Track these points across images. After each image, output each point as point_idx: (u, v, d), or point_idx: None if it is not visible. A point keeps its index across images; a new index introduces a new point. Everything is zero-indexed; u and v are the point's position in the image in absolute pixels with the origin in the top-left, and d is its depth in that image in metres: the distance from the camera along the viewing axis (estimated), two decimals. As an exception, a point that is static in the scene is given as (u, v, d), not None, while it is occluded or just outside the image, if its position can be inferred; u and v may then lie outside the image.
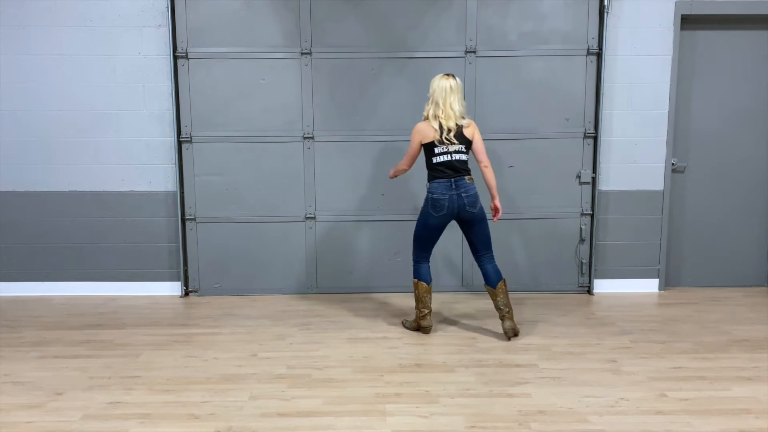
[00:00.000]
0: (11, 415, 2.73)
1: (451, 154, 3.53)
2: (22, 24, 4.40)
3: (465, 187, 3.54)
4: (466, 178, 3.56)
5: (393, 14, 4.43)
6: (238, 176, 4.57)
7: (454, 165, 3.53)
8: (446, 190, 3.54)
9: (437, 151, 3.54)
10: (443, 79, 3.54)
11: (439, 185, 3.55)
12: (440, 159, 3.54)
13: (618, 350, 3.48)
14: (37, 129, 4.50)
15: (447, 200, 3.53)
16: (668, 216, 4.66)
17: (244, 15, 4.41)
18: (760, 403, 2.82)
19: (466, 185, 3.55)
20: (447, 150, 3.53)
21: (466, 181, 3.55)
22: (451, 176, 3.53)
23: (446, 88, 3.52)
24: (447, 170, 3.54)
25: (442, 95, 3.52)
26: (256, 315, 4.18)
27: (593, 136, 4.54)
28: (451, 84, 3.52)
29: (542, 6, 4.42)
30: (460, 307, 4.32)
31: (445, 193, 3.54)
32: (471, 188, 3.56)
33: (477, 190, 3.59)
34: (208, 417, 2.70)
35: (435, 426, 2.61)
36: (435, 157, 3.56)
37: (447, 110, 3.51)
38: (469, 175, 3.58)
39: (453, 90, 3.51)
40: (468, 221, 3.60)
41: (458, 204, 3.53)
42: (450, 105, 3.51)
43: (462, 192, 3.53)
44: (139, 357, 3.42)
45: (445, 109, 3.51)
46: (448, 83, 3.52)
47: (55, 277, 4.65)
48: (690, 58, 4.58)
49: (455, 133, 3.52)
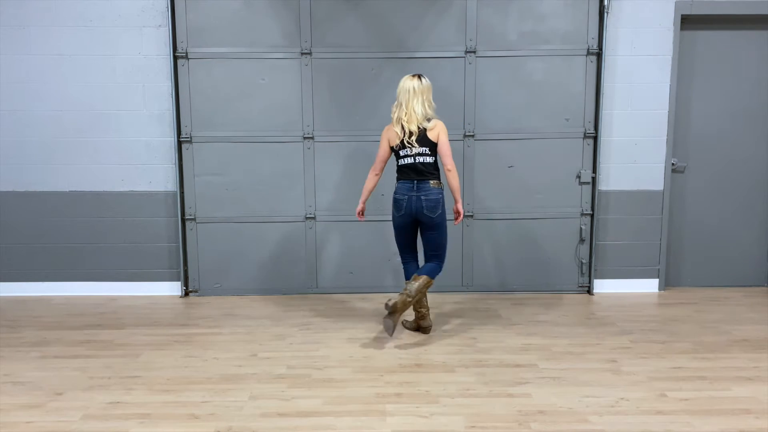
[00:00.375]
0: (11, 415, 2.73)
1: (415, 157, 3.50)
2: (22, 24, 4.40)
3: (426, 191, 3.51)
4: (430, 182, 3.52)
5: (393, 14, 4.43)
6: (238, 176, 4.57)
7: (418, 168, 3.51)
8: (407, 191, 3.53)
9: (402, 154, 3.54)
10: (407, 80, 3.49)
11: (402, 186, 3.56)
12: (405, 161, 3.54)
13: (618, 350, 3.48)
14: (36, 129, 4.50)
15: (406, 201, 3.52)
16: (668, 216, 4.66)
17: (244, 15, 4.41)
18: (760, 403, 2.82)
19: (429, 189, 3.51)
20: (410, 153, 3.51)
21: (430, 184, 3.52)
22: (414, 178, 3.52)
23: (409, 89, 3.47)
24: (411, 172, 3.52)
25: (405, 97, 3.48)
26: (256, 315, 4.18)
27: (593, 136, 4.54)
28: (415, 85, 3.46)
29: (542, 6, 4.42)
30: (460, 307, 4.32)
31: (405, 194, 3.53)
32: (433, 192, 3.52)
33: (441, 196, 3.55)
34: (208, 417, 2.70)
35: (435, 426, 2.61)
36: (400, 159, 3.56)
37: (409, 113, 3.47)
38: (435, 180, 3.54)
39: (416, 92, 3.46)
40: (425, 224, 3.57)
41: (416, 206, 3.51)
42: (412, 107, 3.46)
43: (422, 195, 3.50)
44: (139, 357, 3.42)
45: (408, 111, 3.47)
46: (412, 84, 3.47)
47: (55, 277, 4.65)
48: (690, 58, 4.58)
49: (418, 136, 3.48)
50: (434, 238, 3.59)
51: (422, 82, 3.49)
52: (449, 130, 4.50)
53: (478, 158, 4.55)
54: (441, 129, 3.53)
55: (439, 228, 3.58)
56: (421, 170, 3.51)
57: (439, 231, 3.58)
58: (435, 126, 3.52)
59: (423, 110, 3.48)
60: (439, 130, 3.52)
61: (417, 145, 3.48)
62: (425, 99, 3.50)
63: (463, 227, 4.62)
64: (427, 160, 3.52)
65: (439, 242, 3.61)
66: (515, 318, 4.08)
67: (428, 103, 3.52)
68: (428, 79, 3.55)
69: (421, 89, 3.47)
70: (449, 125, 4.48)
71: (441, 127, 3.54)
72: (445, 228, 3.61)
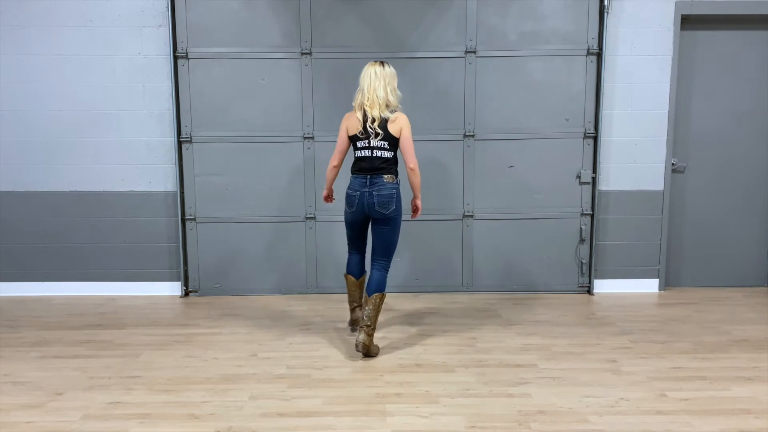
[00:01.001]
0: (11, 415, 2.73)
1: (373, 149, 3.33)
2: (23, 24, 4.40)
3: (379, 186, 3.33)
4: (384, 176, 3.34)
5: (393, 14, 4.43)
6: (238, 176, 4.57)
7: (374, 161, 3.33)
8: (360, 186, 3.37)
9: (359, 145, 3.36)
10: (369, 66, 3.33)
11: (355, 180, 3.41)
12: (361, 153, 3.37)
13: (618, 350, 3.48)
14: (37, 129, 4.50)
15: (358, 197, 3.37)
16: (668, 216, 4.66)
17: (244, 15, 4.41)
18: (760, 403, 2.82)
19: (382, 184, 3.33)
20: (369, 145, 3.33)
21: (383, 179, 3.34)
22: (368, 173, 3.35)
23: (371, 74, 3.30)
24: (366, 166, 3.35)
25: (367, 82, 3.30)
26: (256, 315, 4.18)
27: (593, 136, 4.54)
28: (376, 70, 3.30)
29: (542, 6, 4.42)
30: (460, 307, 4.32)
31: (357, 190, 3.38)
32: (386, 188, 3.34)
33: (396, 192, 3.37)
34: (208, 417, 2.70)
35: (435, 426, 2.61)
36: (357, 150, 3.39)
37: (371, 97, 3.28)
38: (389, 174, 3.36)
39: (378, 76, 3.28)
40: (377, 220, 3.39)
41: (368, 202, 3.34)
42: (374, 92, 3.28)
43: (374, 191, 3.33)
44: (139, 357, 3.42)
45: (370, 96, 3.29)
46: (373, 69, 3.31)
47: (55, 277, 4.65)
48: (690, 58, 4.58)
49: (380, 123, 3.29)
50: (385, 233, 3.39)
51: (385, 68, 3.32)
52: (449, 130, 4.54)
53: (478, 158, 4.56)
54: (404, 123, 3.32)
55: (392, 223, 3.38)
56: (376, 165, 3.33)
57: (392, 227, 3.39)
58: (397, 119, 3.31)
59: (385, 96, 3.28)
60: (402, 124, 3.32)
61: (377, 135, 3.30)
62: (388, 85, 3.30)
63: (463, 227, 4.62)
64: (386, 154, 3.34)
65: (390, 239, 3.40)
66: (515, 318, 4.08)
67: (392, 90, 3.32)
68: (393, 68, 3.38)
69: (383, 74, 3.29)
70: (449, 125, 4.53)
71: (404, 121, 3.33)
72: (398, 225, 3.42)
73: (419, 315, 4.16)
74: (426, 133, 4.50)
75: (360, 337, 3.31)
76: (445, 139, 4.54)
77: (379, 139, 3.31)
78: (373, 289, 3.36)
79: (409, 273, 4.69)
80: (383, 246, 3.42)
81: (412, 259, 4.67)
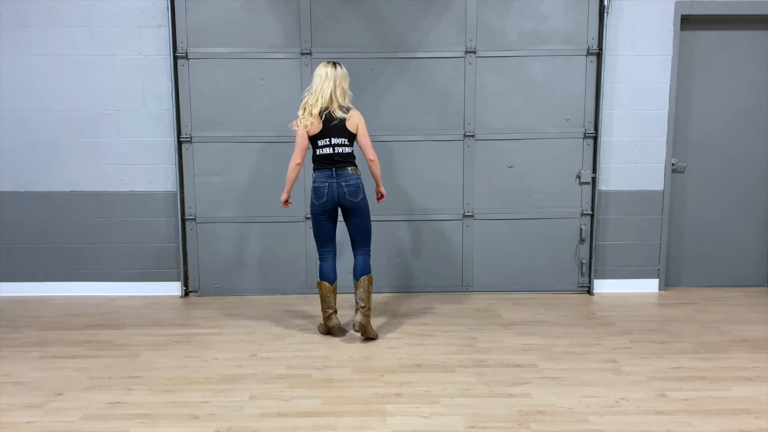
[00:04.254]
0: (11, 415, 2.73)
1: (334, 147, 3.51)
2: (23, 24, 4.40)
3: (346, 177, 3.53)
4: (349, 168, 3.54)
5: (393, 14, 4.43)
6: (238, 176, 4.57)
7: (335, 158, 3.52)
8: (327, 178, 3.53)
9: (320, 144, 3.52)
10: (321, 67, 3.51)
11: (321, 174, 3.56)
12: (323, 152, 3.53)
13: (618, 350, 3.48)
14: (37, 129, 4.50)
15: (327, 188, 3.52)
16: (668, 216, 4.66)
17: (244, 15, 4.41)
18: (760, 403, 2.82)
19: (348, 175, 3.53)
20: (330, 143, 3.50)
21: (348, 171, 3.54)
22: (332, 167, 3.52)
23: (321, 75, 3.48)
24: (328, 162, 3.53)
25: (317, 82, 3.49)
26: (256, 315, 4.18)
27: (593, 136, 4.54)
28: (328, 71, 3.47)
29: (542, 6, 4.42)
30: (460, 307, 4.32)
31: (325, 181, 3.53)
32: (352, 178, 3.54)
33: (361, 181, 3.58)
34: (208, 417, 2.70)
35: (435, 426, 2.61)
36: (318, 149, 3.55)
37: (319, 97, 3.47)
38: (352, 166, 3.57)
39: (329, 77, 3.46)
40: (349, 210, 3.58)
41: (338, 192, 3.52)
42: (321, 93, 3.46)
43: (342, 181, 3.52)
44: (139, 357, 3.42)
45: (317, 96, 3.48)
46: (325, 71, 3.48)
47: (55, 277, 4.65)
48: (690, 58, 4.58)
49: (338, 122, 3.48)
50: (359, 223, 3.61)
51: (337, 69, 3.49)
52: (449, 130, 4.55)
53: (478, 158, 4.56)
54: (359, 119, 3.54)
55: (363, 213, 3.60)
56: (338, 160, 3.52)
57: (363, 216, 3.61)
58: (352, 116, 3.52)
59: (333, 96, 3.47)
60: (357, 120, 3.53)
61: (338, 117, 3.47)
62: (338, 86, 3.48)
63: (463, 227, 4.62)
64: (346, 150, 3.54)
65: (365, 227, 3.63)
66: (515, 318, 4.08)
67: (342, 91, 3.50)
68: (345, 68, 3.54)
69: (334, 75, 3.47)
70: (449, 125, 4.53)
71: (358, 116, 3.54)
72: (368, 213, 3.64)
73: (419, 315, 4.16)
74: (426, 133, 4.50)
75: (357, 317, 3.54)
76: (445, 139, 4.54)
77: (339, 137, 3.50)
78: (360, 272, 3.60)
79: (409, 273, 4.69)
80: (360, 234, 3.64)
81: (412, 259, 4.67)
